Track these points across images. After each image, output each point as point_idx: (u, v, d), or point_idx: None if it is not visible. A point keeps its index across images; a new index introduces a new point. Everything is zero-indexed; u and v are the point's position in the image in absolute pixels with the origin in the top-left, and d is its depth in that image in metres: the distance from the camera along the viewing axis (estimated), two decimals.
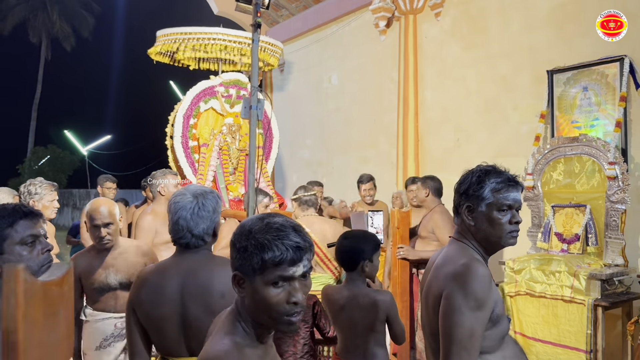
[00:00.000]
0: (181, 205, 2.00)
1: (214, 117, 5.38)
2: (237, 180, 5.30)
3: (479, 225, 1.81)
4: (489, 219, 1.79)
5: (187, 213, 1.98)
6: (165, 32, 5.45)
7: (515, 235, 1.83)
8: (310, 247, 1.31)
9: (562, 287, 4.01)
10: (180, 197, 2.03)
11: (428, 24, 6.75)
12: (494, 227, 1.79)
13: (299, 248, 1.27)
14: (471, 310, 1.64)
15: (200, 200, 2.01)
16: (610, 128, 4.61)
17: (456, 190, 1.90)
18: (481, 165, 1.89)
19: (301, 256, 1.28)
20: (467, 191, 1.83)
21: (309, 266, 1.32)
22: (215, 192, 2.08)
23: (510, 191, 1.81)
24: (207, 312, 1.90)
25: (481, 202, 1.80)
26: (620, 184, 4.18)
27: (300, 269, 1.28)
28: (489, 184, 1.80)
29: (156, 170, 4.23)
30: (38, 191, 3.59)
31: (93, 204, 2.94)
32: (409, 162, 6.74)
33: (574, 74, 4.95)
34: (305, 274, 1.31)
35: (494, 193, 1.79)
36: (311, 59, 8.78)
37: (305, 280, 1.31)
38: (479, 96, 6.10)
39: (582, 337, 3.86)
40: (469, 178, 1.85)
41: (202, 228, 1.99)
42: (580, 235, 4.37)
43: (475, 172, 1.85)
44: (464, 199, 1.84)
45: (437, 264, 1.88)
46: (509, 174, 1.85)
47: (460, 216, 1.87)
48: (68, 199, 24.57)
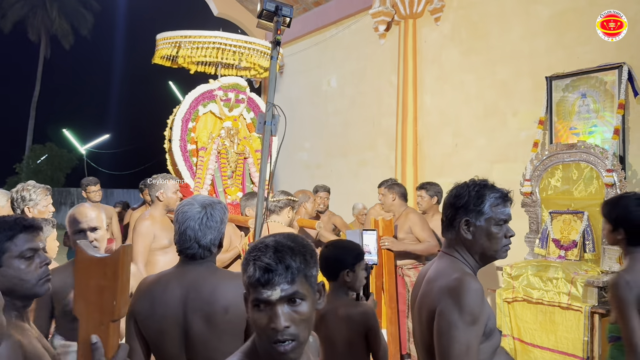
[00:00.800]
0: (189, 216, 1.97)
1: (213, 121, 5.38)
2: (235, 184, 5.30)
3: (477, 239, 1.83)
4: (488, 233, 1.82)
5: (195, 223, 1.96)
6: (165, 35, 5.44)
7: (508, 249, 1.87)
8: (289, 271, 1.22)
9: (560, 293, 4.02)
10: (188, 207, 2.00)
11: (427, 28, 6.76)
12: (491, 241, 1.82)
13: (268, 270, 1.20)
14: (467, 325, 1.66)
15: (208, 210, 1.99)
16: (609, 135, 4.62)
17: (451, 204, 1.90)
18: (475, 180, 1.91)
19: (270, 279, 1.20)
20: (465, 205, 1.84)
21: (295, 292, 1.22)
22: (223, 203, 2.05)
23: (506, 206, 1.85)
24: (209, 326, 1.87)
25: (480, 217, 1.82)
26: (618, 191, 4.19)
27: (277, 292, 1.21)
28: (489, 199, 1.83)
29: (157, 174, 4.21)
30: (32, 197, 3.51)
31: (76, 207, 2.67)
32: (407, 166, 6.75)
33: (573, 81, 4.97)
34: (291, 299, 1.22)
35: (493, 208, 1.82)
36: (310, 61, 8.78)
37: (295, 307, 1.23)
38: (478, 101, 6.12)
39: (579, 344, 3.87)
40: (466, 192, 1.86)
41: (210, 239, 1.97)
42: (578, 242, 4.38)
43: (472, 186, 1.87)
44: (462, 213, 1.85)
45: (429, 277, 1.89)
46: (503, 189, 1.88)
47: (454, 230, 1.87)
48: (66, 198, 24.54)
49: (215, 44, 5.30)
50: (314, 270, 1.30)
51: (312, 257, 1.30)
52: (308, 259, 1.28)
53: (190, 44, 5.30)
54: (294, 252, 1.25)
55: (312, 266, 1.29)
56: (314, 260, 1.30)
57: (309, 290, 1.27)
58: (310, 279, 1.28)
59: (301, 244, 1.29)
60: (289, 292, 1.22)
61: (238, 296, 1.84)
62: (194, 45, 5.29)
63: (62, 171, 25.19)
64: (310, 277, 1.28)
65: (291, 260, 1.23)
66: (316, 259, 1.32)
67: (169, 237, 3.83)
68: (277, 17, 2.30)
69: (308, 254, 1.29)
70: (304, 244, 1.31)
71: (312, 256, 1.30)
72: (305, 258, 1.27)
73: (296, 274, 1.23)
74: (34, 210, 3.49)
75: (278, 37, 2.30)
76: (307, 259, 1.27)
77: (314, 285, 1.30)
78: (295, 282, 1.23)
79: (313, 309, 1.29)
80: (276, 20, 2.29)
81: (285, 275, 1.22)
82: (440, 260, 1.91)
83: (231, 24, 9.43)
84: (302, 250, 1.28)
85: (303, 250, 1.28)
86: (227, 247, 4.14)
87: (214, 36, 5.33)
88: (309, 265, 1.28)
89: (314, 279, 1.30)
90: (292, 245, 1.27)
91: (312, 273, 1.29)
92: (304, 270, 1.25)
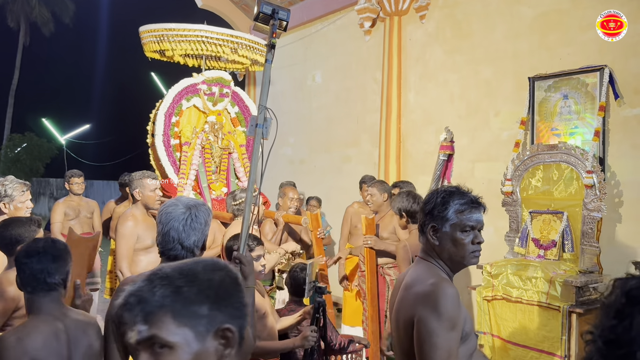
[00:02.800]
0: (173, 216, 1.96)
1: (197, 115, 5.34)
2: (219, 180, 5.26)
3: (443, 244, 1.86)
4: (453, 239, 1.84)
5: (180, 224, 1.94)
6: (148, 27, 5.37)
7: (478, 255, 1.89)
8: (140, 308, 0.92)
9: (538, 292, 4.09)
10: (172, 207, 1.98)
11: (412, 26, 6.78)
12: (457, 247, 1.85)
13: (124, 306, 0.94)
14: (447, 331, 1.68)
15: (193, 212, 1.97)
16: (589, 137, 4.68)
17: (421, 209, 1.94)
18: (445, 186, 1.95)
19: (124, 317, 0.93)
20: (432, 211, 1.87)
21: (149, 335, 0.93)
22: (207, 205, 2.05)
23: (473, 212, 1.86)
24: None
25: (445, 223, 1.85)
26: (597, 192, 4.26)
27: (134, 334, 0.93)
28: (453, 205, 1.85)
29: (136, 172, 4.15)
30: (8, 193, 3.42)
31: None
32: (390, 163, 6.78)
33: (555, 82, 5.02)
34: (149, 342, 0.93)
35: (458, 214, 1.84)
36: (295, 56, 8.75)
37: (160, 354, 0.93)
38: (461, 100, 6.15)
39: (558, 343, 3.94)
40: (433, 198, 1.89)
41: (194, 240, 1.96)
42: (557, 242, 4.45)
43: (439, 193, 1.90)
44: (429, 219, 1.88)
45: (406, 283, 1.91)
46: (472, 195, 1.90)
47: (425, 235, 1.91)
48: (45, 188, 24.21)
49: (199, 37, 5.25)
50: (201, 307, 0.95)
51: (194, 289, 0.95)
52: (185, 290, 0.95)
53: (174, 37, 5.24)
54: (158, 283, 0.95)
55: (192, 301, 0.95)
56: (202, 293, 0.96)
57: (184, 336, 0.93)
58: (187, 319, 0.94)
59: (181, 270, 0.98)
60: (145, 335, 0.93)
61: None
62: (177, 38, 5.23)
63: (41, 161, 24.76)
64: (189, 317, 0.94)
65: (153, 295, 0.93)
66: (210, 293, 0.96)
67: (152, 237, 3.77)
68: (273, 21, 2.29)
69: (187, 285, 0.95)
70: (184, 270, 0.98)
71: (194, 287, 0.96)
72: (180, 290, 0.94)
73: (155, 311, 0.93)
74: (9, 206, 3.41)
75: (274, 40, 2.29)
76: (181, 291, 0.94)
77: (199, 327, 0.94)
78: (153, 323, 0.93)
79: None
80: (272, 24, 2.29)
81: (143, 316, 0.93)
82: (417, 266, 1.94)
83: (216, 16, 9.35)
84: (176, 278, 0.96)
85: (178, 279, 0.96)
86: (210, 244, 4.12)
87: (198, 29, 5.27)
88: (187, 300, 0.94)
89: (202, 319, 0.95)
90: (169, 273, 0.97)
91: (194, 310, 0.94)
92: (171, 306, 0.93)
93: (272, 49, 2.30)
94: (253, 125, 2.22)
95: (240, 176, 5.41)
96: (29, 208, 3.54)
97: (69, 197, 5.84)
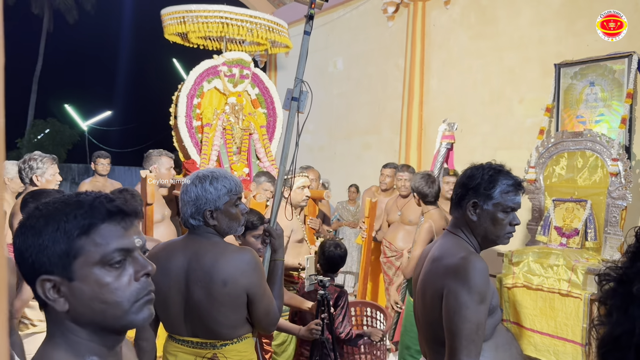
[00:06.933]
0: (183, 190, 2.08)
1: (217, 97, 5.34)
2: (240, 160, 5.27)
3: (482, 221, 1.85)
4: (493, 218, 1.84)
5: (185, 196, 2.06)
6: (169, 10, 5.39)
7: (511, 236, 1.89)
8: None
9: (560, 280, 4.04)
10: (186, 180, 2.11)
11: (437, 11, 6.71)
12: (495, 226, 1.84)
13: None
14: (476, 304, 1.69)
15: (189, 187, 2.06)
16: (615, 124, 4.60)
17: (463, 184, 1.90)
18: (491, 164, 1.91)
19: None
20: (476, 187, 1.85)
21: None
22: (207, 183, 2.03)
23: (517, 194, 1.86)
24: (208, 297, 1.93)
25: (489, 201, 1.83)
26: (622, 180, 4.19)
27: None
28: (500, 185, 1.83)
29: (154, 149, 4.29)
30: (39, 165, 3.52)
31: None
32: (411, 151, 6.74)
33: (582, 69, 4.93)
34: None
35: (503, 194, 1.83)
36: (317, 42, 8.70)
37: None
38: (484, 87, 6.08)
39: (579, 330, 3.90)
40: (479, 174, 1.86)
41: (188, 212, 2.03)
42: (580, 230, 4.39)
43: (486, 170, 1.87)
44: (472, 195, 1.86)
45: (433, 255, 1.90)
46: (517, 177, 1.89)
47: (461, 209, 1.88)
48: (67, 174, 24.50)
49: (220, 19, 5.25)
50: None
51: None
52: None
53: (195, 19, 5.25)
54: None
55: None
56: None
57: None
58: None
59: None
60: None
61: (237, 270, 1.92)
62: (198, 19, 5.25)
63: (63, 147, 25.09)
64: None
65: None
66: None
67: (161, 212, 4.06)
68: None
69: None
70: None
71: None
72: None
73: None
74: (41, 179, 3.51)
75: (312, 11, 2.29)
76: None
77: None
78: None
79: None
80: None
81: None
82: (445, 239, 1.92)
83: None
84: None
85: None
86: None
87: (219, 10, 5.28)
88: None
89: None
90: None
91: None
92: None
93: (311, 19, 2.32)
94: (289, 99, 2.23)
95: (261, 157, 5.41)
96: (59, 181, 3.65)
97: (95, 178, 6.00)
